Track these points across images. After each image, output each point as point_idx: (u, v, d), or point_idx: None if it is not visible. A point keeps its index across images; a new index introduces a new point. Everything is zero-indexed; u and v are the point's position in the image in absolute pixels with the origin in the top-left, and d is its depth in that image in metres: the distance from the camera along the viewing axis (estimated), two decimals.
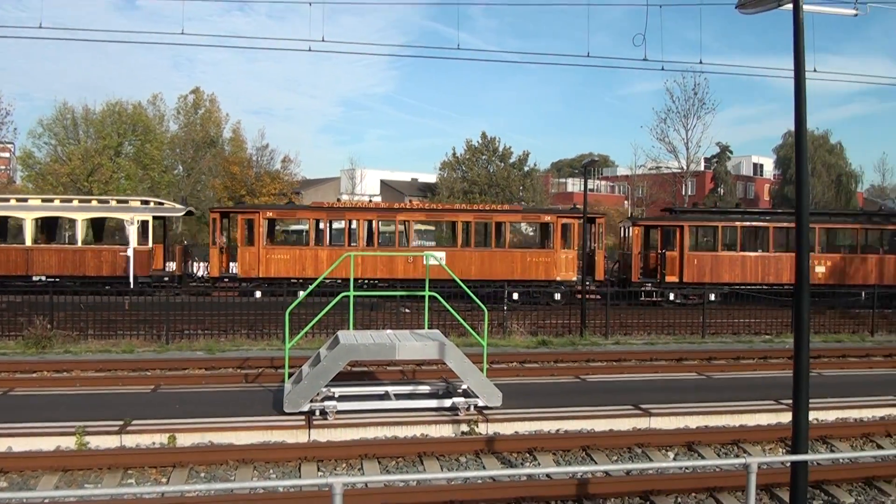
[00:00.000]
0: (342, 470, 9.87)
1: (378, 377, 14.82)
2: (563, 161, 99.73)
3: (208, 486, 6.37)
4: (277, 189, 53.79)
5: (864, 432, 12.19)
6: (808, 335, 6.97)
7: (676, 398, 13.26)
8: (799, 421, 6.89)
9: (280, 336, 18.24)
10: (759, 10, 8.04)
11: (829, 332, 24.40)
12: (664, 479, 9.32)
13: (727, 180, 78.85)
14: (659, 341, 21.40)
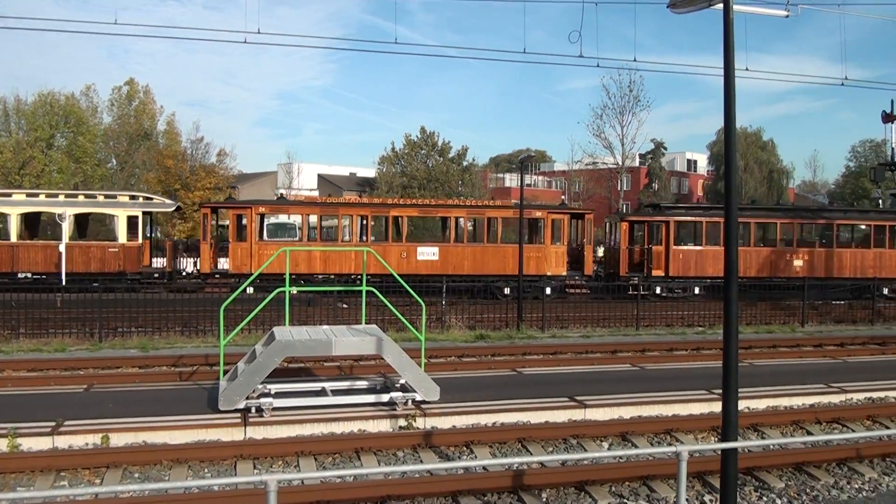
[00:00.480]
0: (278, 468, 9.80)
1: (315, 373, 14.75)
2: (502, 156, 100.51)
3: (142, 487, 6.28)
4: (213, 183, 53.02)
5: (794, 419, 12.57)
6: (737, 326, 7.16)
7: (611, 389, 13.48)
8: (728, 409, 7.07)
9: (215, 333, 18.03)
10: (690, 9, 8.17)
11: (761, 323, 25.03)
12: (599, 468, 9.48)
13: (662, 176, 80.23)
14: (594, 334, 21.70)
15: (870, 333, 23.44)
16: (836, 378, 15.36)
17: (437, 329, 21.23)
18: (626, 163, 65.99)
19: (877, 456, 10.70)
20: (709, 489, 9.15)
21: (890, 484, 9.77)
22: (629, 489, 9.15)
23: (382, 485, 8.75)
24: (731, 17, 7.34)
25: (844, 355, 18.99)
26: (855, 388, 14.60)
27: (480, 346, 18.99)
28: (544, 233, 32.19)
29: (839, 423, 12.67)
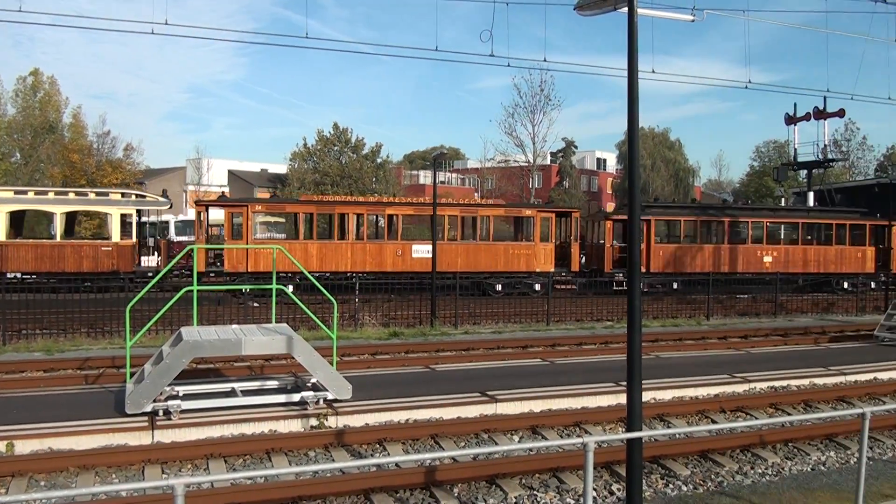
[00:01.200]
0: (188, 471, 9.61)
1: (225, 374, 14.51)
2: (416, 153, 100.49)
3: (47, 494, 6.07)
4: (120, 179, 51.62)
5: (699, 409, 13.00)
6: (641, 320, 7.34)
7: (522, 384, 13.66)
8: (632, 400, 7.24)
9: (122, 334, 17.57)
10: (596, 12, 8.31)
11: (668, 317, 25.71)
12: (509, 461, 9.58)
13: (572, 174, 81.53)
14: (506, 330, 21.95)
15: (773, 326, 24.34)
16: (740, 368, 15.92)
17: (351, 327, 21.15)
18: (537, 161, 66.96)
19: (779, 441, 11.16)
20: (616, 478, 9.37)
21: (792, 468, 10.19)
22: (539, 481, 9.29)
23: (294, 485, 8.68)
24: (636, 20, 7.47)
25: (748, 347, 19.70)
26: (758, 377, 15.16)
27: (394, 343, 18.98)
28: (533, 231, 33.24)
29: (743, 411, 13.15)
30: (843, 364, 16.87)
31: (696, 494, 8.96)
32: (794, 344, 20.57)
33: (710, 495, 8.87)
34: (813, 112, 44.26)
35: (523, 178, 68.46)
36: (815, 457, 10.70)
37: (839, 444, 11.30)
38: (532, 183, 68.03)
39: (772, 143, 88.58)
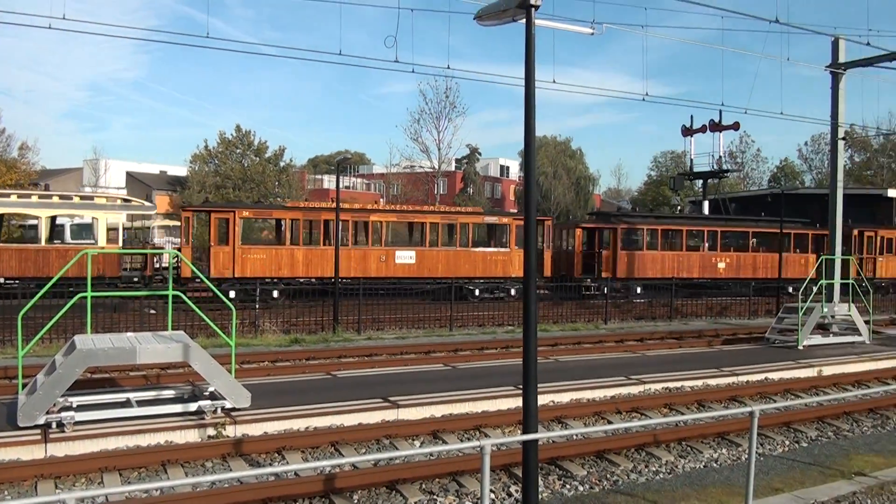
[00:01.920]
0: (82, 485, 9.30)
1: (120, 384, 14.10)
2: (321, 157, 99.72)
3: None
4: (13, 179, 49.54)
5: (595, 410, 13.31)
6: (536, 326, 7.48)
7: (424, 389, 13.71)
8: (528, 403, 7.37)
9: (14, 343, 16.88)
10: (495, 22, 8.41)
11: (567, 321, 26.16)
12: (410, 467, 9.61)
13: (476, 181, 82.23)
14: (410, 335, 21.98)
15: (668, 329, 25.05)
16: (636, 371, 16.35)
17: (251, 334, 20.83)
18: (442, 167, 67.29)
19: (673, 440, 11.52)
20: (515, 480, 9.50)
21: (686, 466, 10.53)
22: (439, 485, 9.35)
23: (190, 497, 8.50)
24: (533, 31, 7.62)
25: (644, 350, 20.25)
26: (653, 379, 15.60)
27: (295, 350, 18.80)
28: (510, 238, 34.49)
29: (638, 412, 13.53)
30: (735, 365, 17.51)
31: (592, 494, 9.15)
32: (689, 346, 21.26)
33: (606, 494, 9.08)
34: (709, 124, 45.94)
35: (428, 183, 68.69)
36: (707, 454, 11.08)
37: (731, 442, 11.73)
38: (437, 189, 68.33)
39: (669, 154, 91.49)
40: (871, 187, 66.03)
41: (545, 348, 19.92)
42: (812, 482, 9.68)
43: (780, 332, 21.90)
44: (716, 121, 45.22)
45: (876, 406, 14.41)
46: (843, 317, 22.77)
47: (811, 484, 9.60)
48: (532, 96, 7.54)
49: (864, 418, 13.77)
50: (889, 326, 27.69)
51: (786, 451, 11.41)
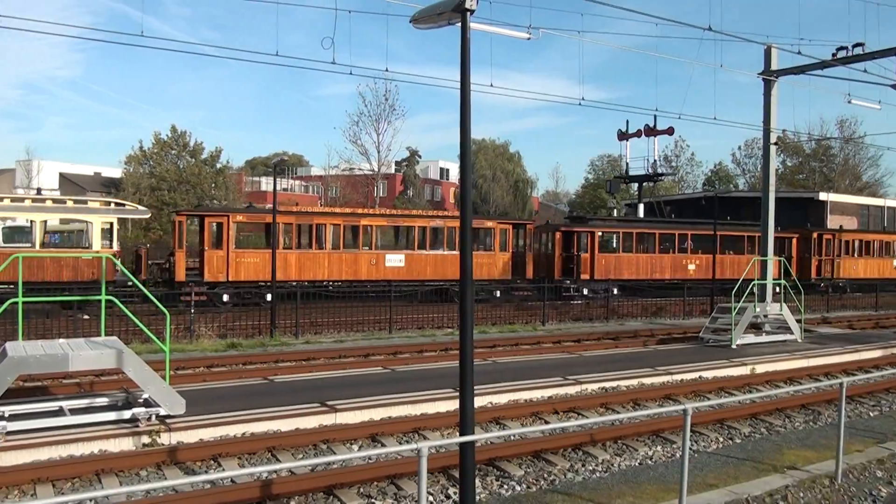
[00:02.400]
0: (14, 497, 9.03)
1: (53, 392, 13.74)
2: (258, 159, 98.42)
3: None
4: None
5: (533, 411, 13.40)
6: (472, 329, 7.50)
7: (363, 393, 13.63)
8: (465, 405, 7.38)
9: None
10: (431, 26, 8.40)
11: (506, 323, 26.29)
12: (348, 471, 9.55)
13: (416, 183, 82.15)
14: (348, 338, 21.88)
15: (605, 329, 25.35)
16: (572, 371, 16.49)
17: (186, 339, 20.49)
18: (381, 169, 67.15)
19: (609, 439, 11.64)
20: (453, 482, 9.50)
21: (621, 464, 10.65)
22: (377, 489, 9.31)
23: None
24: (468, 35, 7.64)
25: (581, 350, 20.46)
26: (590, 379, 15.76)
27: (231, 354, 18.55)
28: (493, 241, 35.95)
29: (575, 411, 13.64)
30: (670, 364, 17.79)
31: (530, 493, 9.20)
32: (625, 346, 21.55)
33: (543, 494, 9.13)
34: (644, 129, 46.73)
35: (368, 186, 68.49)
36: (643, 452, 11.24)
37: (666, 440, 11.92)
38: (377, 191, 68.18)
39: (606, 157, 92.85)
40: (804, 190, 68.12)
41: (483, 350, 20.00)
42: (745, 477, 9.88)
43: (714, 332, 22.32)
44: (651, 125, 46.06)
45: (807, 402, 14.78)
46: (776, 316, 23.31)
47: (745, 479, 9.80)
48: (468, 99, 7.56)
49: (796, 414, 14.10)
50: (821, 325, 28.44)
51: (720, 448, 11.63)
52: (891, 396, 16.00)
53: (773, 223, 25.65)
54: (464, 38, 7.61)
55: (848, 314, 34.25)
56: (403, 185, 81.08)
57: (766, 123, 25.23)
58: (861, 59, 22.37)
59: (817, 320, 29.86)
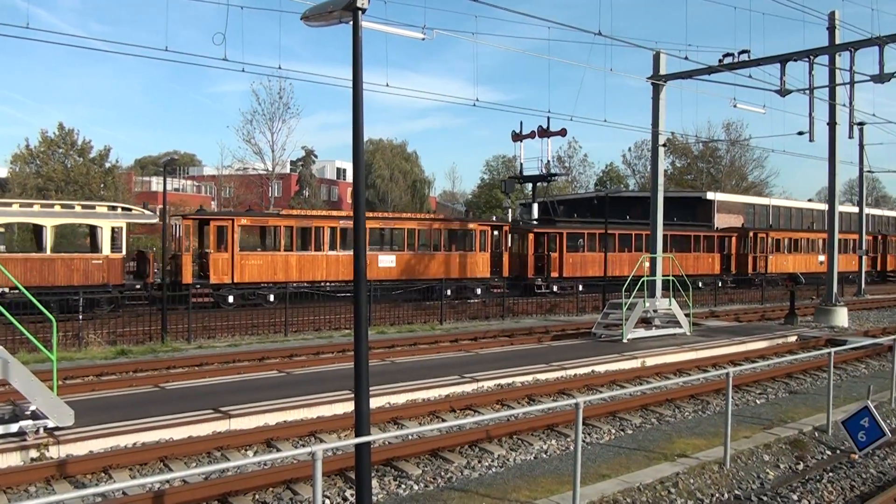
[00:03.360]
0: None
1: None
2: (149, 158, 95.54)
3: None
4: None
5: (431, 410, 13.49)
6: (367, 329, 7.50)
7: (258, 397, 13.42)
8: (360, 406, 7.38)
9: None
10: (322, 24, 8.34)
11: (404, 322, 26.32)
12: (243, 478, 9.40)
13: (312, 183, 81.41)
14: (243, 342, 21.50)
15: (501, 327, 25.68)
16: (469, 369, 16.66)
17: (75, 347, 19.77)
18: (276, 169, 66.26)
19: (505, 435, 11.83)
20: (350, 484, 9.46)
21: (517, 458, 10.82)
22: (273, 495, 9.20)
23: None
24: (360, 34, 7.62)
25: (477, 348, 20.67)
26: (486, 376, 15.95)
27: (122, 362, 18.00)
28: (475, 242, 38.10)
29: (472, 409, 13.78)
30: (563, 360, 18.15)
31: (427, 492, 9.25)
32: (521, 343, 21.89)
33: (441, 491, 9.20)
34: (538, 130, 47.53)
35: (262, 186, 67.48)
36: (538, 446, 11.45)
37: (560, 433, 12.17)
38: (272, 192, 67.24)
39: (501, 158, 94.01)
40: (692, 190, 70.72)
41: (381, 350, 20.00)
42: (637, 466, 10.19)
43: (606, 327, 22.88)
44: (544, 127, 46.84)
45: (696, 392, 15.34)
46: (665, 311, 24.05)
47: (636, 468, 10.10)
48: (360, 98, 7.56)
49: (685, 404, 14.61)
50: (709, 318, 29.51)
51: (612, 439, 11.94)
52: (776, 385, 16.77)
53: (661, 222, 26.49)
54: (355, 36, 7.60)
55: (735, 308, 35.65)
56: (299, 185, 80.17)
57: (654, 126, 26.07)
58: (746, 65, 23.34)
59: (706, 314, 30.97)
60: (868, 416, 11.43)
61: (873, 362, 19.94)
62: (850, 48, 22.89)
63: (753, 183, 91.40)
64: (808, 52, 23.52)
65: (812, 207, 75.04)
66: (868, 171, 43.53)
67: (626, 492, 9.20)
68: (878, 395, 14.65)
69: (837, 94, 26.84)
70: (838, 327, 26.67)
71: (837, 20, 25.91)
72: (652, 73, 25.85)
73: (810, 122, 24.17)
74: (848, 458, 11.45)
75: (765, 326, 26.98)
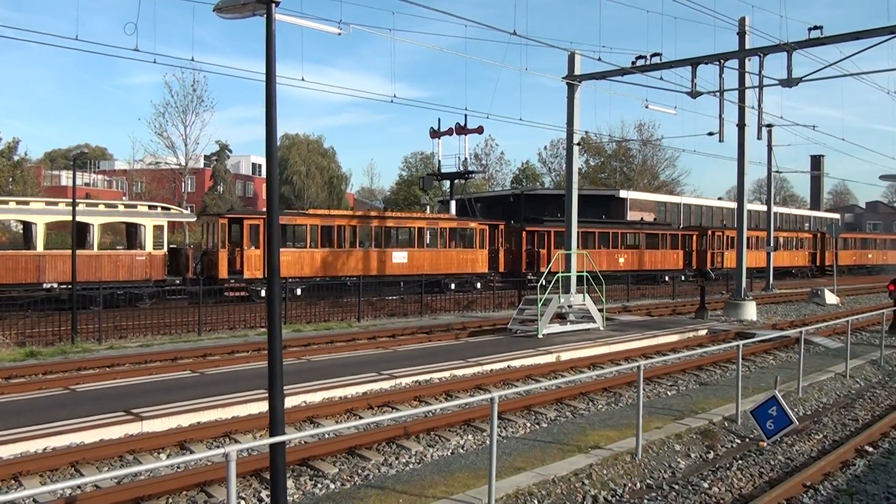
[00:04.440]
0: None
1: None
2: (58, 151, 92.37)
3: None
4: None
5: (348, 408, 13.46)
6: (280, 327, 7.44)
7: (171, 398, 13.17)
8: (275, 406, 7.32)
9: None
10: (236, 15, 8.22)
11: (321, 320, 26.14)
12: (156, 481, 9.21)
13: (227, 179, 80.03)
14: (155, 342, 21.04)
15: (419, 324, 25.74)
16: (387, 366, 16.68)
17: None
18: (190, 164, 64.93)
19: (422, 431, 11.88)
20: (266, 485, 9.36)
21: (434, 454, 10.89)
22: (187, 498, 9.05)
23: None
24: (273, 27, 7.56)
25: (395, 345, 20.68)
26: (403, 373, 15.99)
27: (30, 364, 17.43)
28: (475, 240, 41.51)
29: (389, 406, 13.81)
30: (480, 356, 18.32)
31: (344, 490, 9.23)
32: (438, 340, 22.01)
33: (357, 489, 9.20)
34: (455, 128, 47.69)
35: (175, 181, 65.99)
36: (455, 441, 11.53)
37: (476, 428, 12.28)
38: (185, 187, 65.83)
39: (419, 155, 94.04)
40: (605, 188, 72.18)
41: (297, 349, 19.84)
42: (552, 459, 10.36)
43: (522, 323, 23.16)
44: (462, 124, 47.04)
45: (609, 385, 15.67)
46: (580, 306, 24.47)
47: (551, 461, 10.28)
48: (273, 92, 7.50)
49: (598, 397, 14.91)
50: (622, 313, 30.10)
51: (528, 433, 12.11)
52: (687, 377, 17.23)
53: (576, 219, 26.90)
54: (269, 29, 7.53)
55: (647, 303, 36.44)
56: (213, 180, 78.63)
57: (569, 125, 26.45)
58: (658, 67, 23.86)
59: (618, 309, 31.60)
60: (776, 406, 11.87)
61: (781, 354, 20.68)
62: (759, 53, 23.57)
63: (665, 182, 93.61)
64: (718, 56, 24.16)
65: (722, 206, 77.46)
66: (776, 171, 45.83)
67: (541, 484, 9.35)
68: (786, 385, 15.27)
69: (747, 96, 27.73)
70: (747, 321, 27.57)
71: (748, 26, 26.74)
72: (567, 74, 26.22)
73: (720, 123, 24.82)
74: (757, 445, 11.86)
75: (676, 321, 27.69)
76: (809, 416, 14.08)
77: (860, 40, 21.72)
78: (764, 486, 10.07)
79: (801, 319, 28.46)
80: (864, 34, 21.59)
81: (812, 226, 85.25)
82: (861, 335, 24.33)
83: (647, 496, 9.48)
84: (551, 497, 9.19)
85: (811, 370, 17.35)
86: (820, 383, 16.50)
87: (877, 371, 18.62)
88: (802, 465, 11.00)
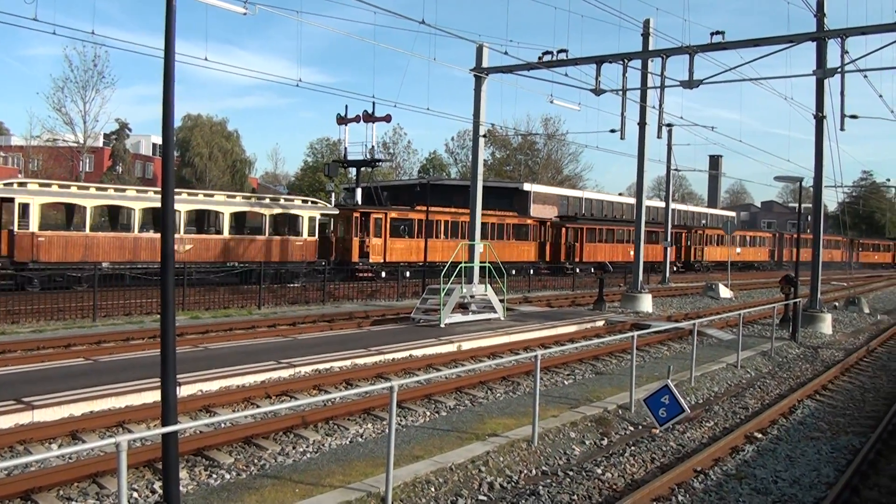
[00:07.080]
0: None
1: None
2: None
3: None
4: None
5: (245, 396, 13.30)
6: (174, 314, 7.30)
7: (63, 387, 12.75)
8: (167, 394, 7.19)
9: None
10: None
11: (220, 307, 25.67)
12: (46, 473, 8.89)
13: (126, 158, 77.74)
14: (48, 328, 20.31)
15: (321, 312, 25.55)
16: (287, 354, 16.54)
17: None
18: (88, 142, 62.84)
19: (321, 420, 11.84)
20: (160, 475, 9.17)
21: (332, 443, 10.87)
22: (78, 490, 8.79)
23: None
24: (174, 3, 7.39)
25: (296, 333, 20.50)
26: (303, 362, 15.89)
27: None
28: (530, 234, 50.47)
29: (288, 394, 13.71)
30: (382, 344, 18.34)
31: (240, 480, 9.12)
32: (340, 328, 21.91)
33: (253, 479, 9.10)
34: (363, 115, 47.47)
35: (73, 160, 63.76)
36: (353, 430, 11.54)
37: (376, 417, 12.31)
38: (83, 166, 63.68)
39: (325, 141, 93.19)
40: (510, 181, 73.01)
41: (195, 336, 19.47)
42: (450, 447, 10.48)
43: (425, 312, 23.26)
44: (369, 112, 46.84)
45: (508, 374, 15.91)
46: (482, 296, 24.72)
47: (449, 448, 10.40)
48: (171, 70, 7.35)
49: (497, 386, 15.12)
50: (522, 304, 30.56)
51: (427, 421, 12.20)
52: (584, 366, 17.62)
53: (480, 210, 27.13)
54: (169, 4, 7.36)
55: (547, 294, 37.08)
56: (112, 160, 76.21)
57: (476, 116, 26.64)
58: (564, 63, 24.21)
59: (519, 300, 32.05)
60: (668, 394, 12.29)
61: (675, 345, 21.34)
62: (662, 54, 24.13)
63: (568, 176, 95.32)
64: (622, 56, 24.65)
65: (622, 201, 79.37)
66: (675, 169, 48.39)
67: (439, 472, 9.45)
68: (679, 375, 15.78)
69: (649, 96, 28.39)
70: (643, 313, 28.35)
71: (651, 28, 27.39)
72: (475, 66, 26.38)
73: (622, 121, 25.38)
74: (649, 433, 12.25)
75: (575, 312, 28.26)
76: (701, 405, 14.62)
77: (759, 47, 22.57)
78: (655, 472, 10.42)
79: (696, 312, 29.42)
80: (763, 41, 22.39)
81: (709, 223, 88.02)
82: (753, 328, 25.26)
83: (542, 482, 9.69)
84: (448, 484, 9.30)
85: (704, 361, 17.97)
86: (712, 373, 17.11)
87: (767, 362, 19.44)
88: (693, 451, 11.42)
